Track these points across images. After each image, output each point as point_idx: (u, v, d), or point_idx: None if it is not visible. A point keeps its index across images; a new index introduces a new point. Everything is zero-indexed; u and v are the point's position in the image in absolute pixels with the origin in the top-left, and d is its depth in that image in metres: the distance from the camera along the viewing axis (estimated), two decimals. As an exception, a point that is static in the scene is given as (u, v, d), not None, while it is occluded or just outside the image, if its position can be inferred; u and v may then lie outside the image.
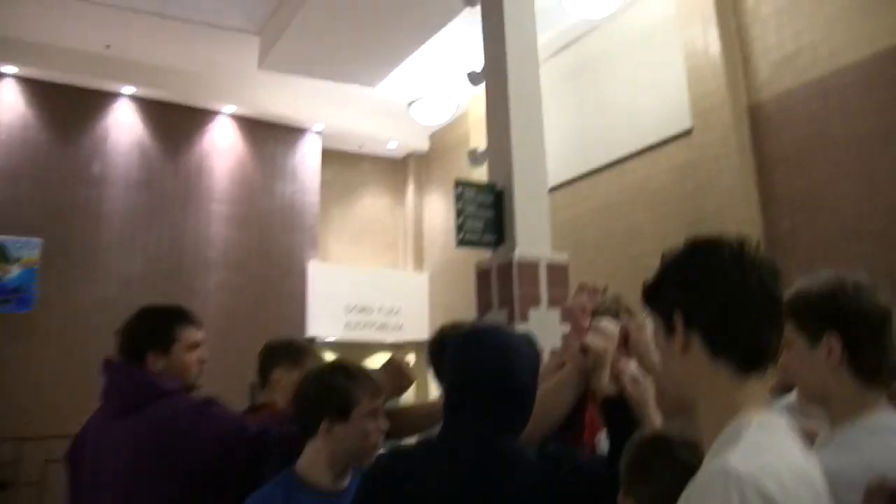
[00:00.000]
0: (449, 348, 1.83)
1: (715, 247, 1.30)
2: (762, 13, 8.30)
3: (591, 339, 2.00)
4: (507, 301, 5.43)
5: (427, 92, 12.23)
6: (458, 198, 5.60)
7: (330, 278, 13.07)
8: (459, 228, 5.56)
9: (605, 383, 2.00)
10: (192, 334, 2.56)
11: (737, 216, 8.17)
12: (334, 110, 13.32)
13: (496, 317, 5.49)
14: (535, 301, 5.43)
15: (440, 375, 2.52)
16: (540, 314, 5.42)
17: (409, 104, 12.50)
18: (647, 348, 1.94)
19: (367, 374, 2.11)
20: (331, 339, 13.12)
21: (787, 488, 1.06)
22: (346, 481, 2.11)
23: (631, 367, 1.98)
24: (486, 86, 6.18)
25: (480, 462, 1.63)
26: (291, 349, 2.88)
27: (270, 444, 2.21)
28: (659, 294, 1.35)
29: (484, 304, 5.65)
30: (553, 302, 5.48)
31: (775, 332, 1.27)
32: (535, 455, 1.69)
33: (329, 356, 13.38)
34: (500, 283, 5.54)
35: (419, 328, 14.06)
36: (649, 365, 1.92)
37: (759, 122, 8.24)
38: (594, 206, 9.98)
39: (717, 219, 8.39)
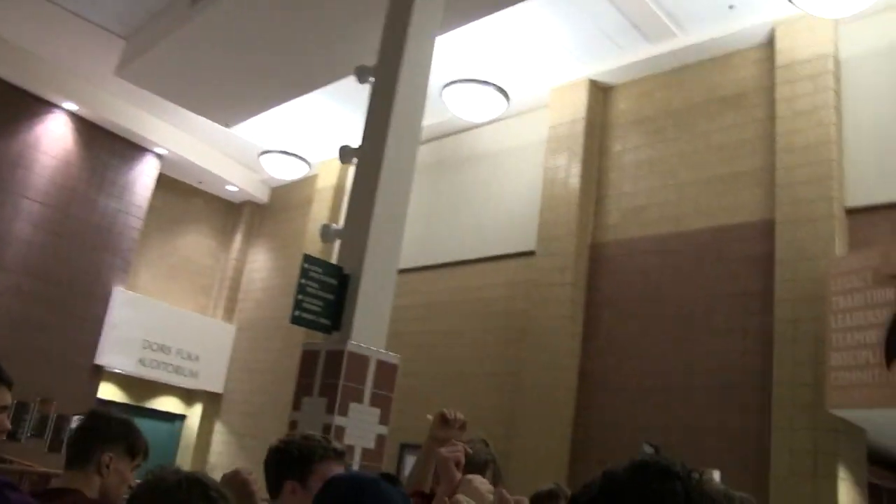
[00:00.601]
0: (325, 492, 1.63)
1: (667, 475, 1.20)
2: (624, 162, 8.84)
3: (462, 499, 1.88)
4: (329, 390, 5.20)
5: (283, 145, 11.92)
6: (303, 273, 5.36)
7: (133, 308, 12.20)
8: (297, 305, 5.31)
9: None
10: (1, 396, 2.17)
11: (558, 344, 8.44)
12: (182, 137, 12.70)
13: (314, 404, 5.23)
14: (357, 396, 5.24)
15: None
16: (360, 410, 5.23)
17: (261, 153, 12.11)
18: None
19: (225, 499, 1.82)
20: (119, 370, 12.16)
21: None
22: None
23: None
24: (358, 164, 6.06)
25: None
26: (129, 434, 2.46)
27: None
28: None
29: (303, 388, 5.38)
30: (375, 401, 5.31)
31: None
32: None
33: (113, 389, 12.38)
34: (325, 369, 5.31)
35: (215, 379, 13.40)
36: None
37: (598, 261, 8.65)
38: (420, 302, 10.01)
39: (537, 342, 8.63)
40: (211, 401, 13.49)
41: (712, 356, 7.47)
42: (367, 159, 5.96)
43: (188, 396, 13.62)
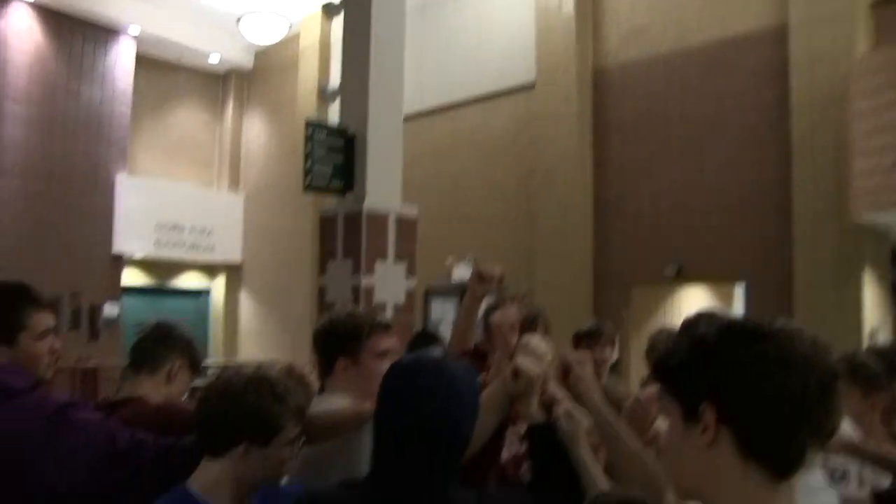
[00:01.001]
0: (385, 383, 1.63)
1: (765, 335, 1.14)
2: (618, -19, 8.42)
3: (523, 362, 1.85)
4: (352, 252, 5.23)
5: (259, 7, 11.38)
6: (308, 139, 5.26)
7: (139, 193, 12.13)
8: (307, 173, 5.25)
9: (534, 409, 1.87)
10: (43, 319, 2.16)
11: (568, 176, 8.40)
12: (153, 14, 12.11)
13: (340, 267, 5.28)
14: (382, 254, 5.28)
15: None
16: (386, 268, 5.28)
17: (238, 18, 11.57)
18: (588, 387, 1.86)
19: (293, 394, 1.84)
20: (139, 255, 12.29)
21: None
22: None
23: (562, 396, 1.89)
24: (346, 19, 5.81)
25: None
26: (194, 346, 2.47)
27: (148, 461, 1.90)
28: (683, 376, 1.18)
29: (327, 253, 5.42)
30: (400, 256, 5.35)
31: (816, 438, 1.13)
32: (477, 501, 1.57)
33: (136, 274, 12.57)
34: (345, 232, 5.32)
35: (232, 250, 13.53)
36: (591, 404, 1.84)
37: (601, 87, 8.45)
38: (424, 149, 9.89)
39: (548, 176, 8.59)
40: (232, 272, 13.70)
41: (729, 172, 7.42)
42: (355, 11, 5.70)
43: (209, 271, 13.82)
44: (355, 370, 2.29)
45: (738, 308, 8.25)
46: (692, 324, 1.23)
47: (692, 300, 9.21)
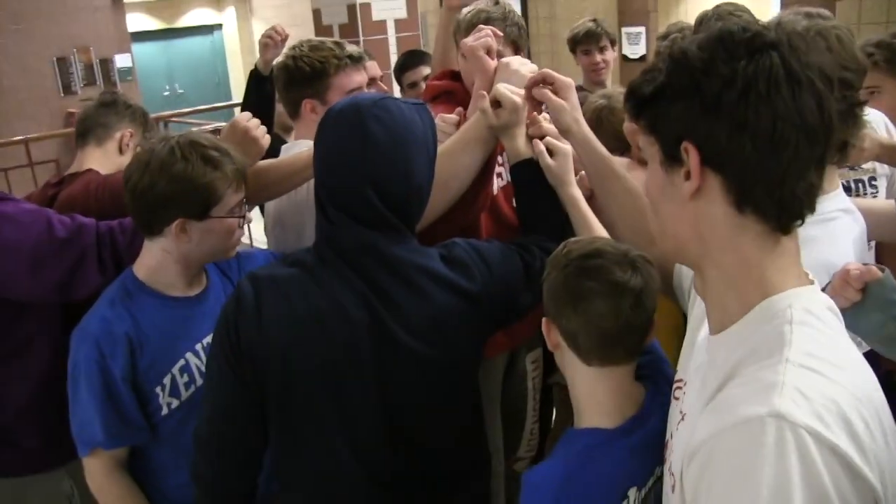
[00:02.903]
0: (320, 127, 1.39)
1: (757, 47, 0.85)
2: None
3: (502, 89, 1.56)
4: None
5: None
6: None
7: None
8: None
9: (521, 143, 1.59)
10: None
11: None
12: None
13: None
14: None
15: None
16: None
17: None
18: (572, 118, 1.52)
19: (229, 156, 1.62)
20: (138, -1, 11.69)
21: (860, 436, 0.76)
22: (204, 283, 1.75)
23: (549, 129, 1.59)
24: None
25: (377, 281, 1.31)
26: (143, 111, 2.26)
27: (90, 245, 1.73)
28: (659, 107, 0.90)
29: (315, -28, 4.91)
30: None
31: (821, 172, 0.89)
32: (439, 264, 1.37)
33: (141, 18, 12.03)
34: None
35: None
36: (578, 136, 1.52)
37: None
38: None
39: None
40: (241, 1, 13.01)
41: None
42: None
43: (217, 4, 13.18)
44: (325, 111, 2.04)
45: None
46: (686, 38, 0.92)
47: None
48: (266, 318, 1.32)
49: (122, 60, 10.81)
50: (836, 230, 1.36)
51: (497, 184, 2.08)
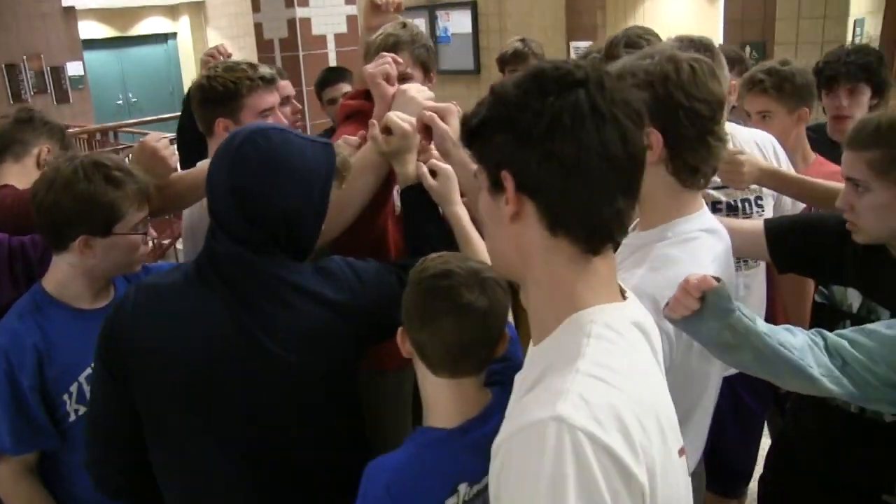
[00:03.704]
0: (216, 153, 1.46)
1: (566, 84, 0.93)
2: None
3: (393, 116, 1.66)
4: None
5: None
6: None
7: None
8: None
9: (410, 169, 1.68)
10: None
11: None
12: None
13: (272, 2, 4.86)
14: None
15: None
16: (321, -4, 4.86)
17: None
18: (452, 142, 1.63)
19: (132, 176, 1.70)
20: (92, 5, 11.57)
21: (633, 436, 0.87)
22: (110, 296, 1.83)
23: (434, 155, 1.69)
24: None
25: (245, 293, 1.37)
26: (61, 127, 2.32)
27: (3, 260, 1.81)
28: (483, 138, 0.99)
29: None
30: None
31: (630, 199, 0.98)
32: (311, 278, 1.43)
33: (93, 26, 11.94)
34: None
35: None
36: (458, 160, 1.63)
37: None
38: None
39: None
40: (195, 10, 12.99)
41: None
42: None
43: (171, 13, 13.12)
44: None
45: (720, 8, 7.72)
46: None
47: (672, 2, 8.63)
48: (139, 323, 1.40)
49: (73, 68, 10.74)
50: (696, 249, 1.43)
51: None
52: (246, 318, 1.37)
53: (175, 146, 2.33)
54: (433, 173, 1.67)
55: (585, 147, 0.91)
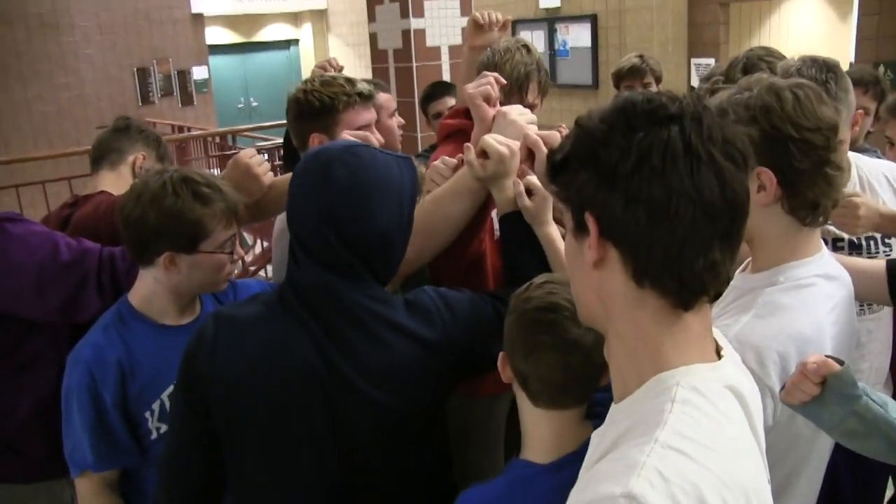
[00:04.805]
0: (294, 174, 1.41)
1: (657, 119, 0.83)
2: None
3: (489, 141, 1.54)
4: (400, -10, 4.77)
5: None
6: None
7: (209, -55, 11.61)
8: None
9: (508, 195, 1.57)
10: None
11: None
12: None
13: (388, 12, 4.86)
14: (432, -10, 4.79)
15: None
16: (437, 6, 4.81)
17: None
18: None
19: (220, 193, 1.66)
20: (219, 12, 12.03)
21: None
22: (196, 311, 1.79)
23: (531, 177, 1.58)
24: None
25: (332, 324, 1.31)
26: (159, 139, 2.33)
27: (93, 269, 1.79)
28: (567, 175, 0.89)
29: (374, -2, 4.98)
30: (453, -9, 4.85)
31: (729, 249, 0.86)
32: (402, 312, 1.35)
33: (220, 32, 12.41)
34: (390, -29, 4.83)
35: (316, -6, 13.01)
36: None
37: None
38: None
39: None
40: (318, 18, 13.32)
41: None
42: None
43: (294, 19, 13.49)
44: None
45: (852, 23, 7.27)
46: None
47: (801, 16, 8.20)
48: (221, 356, 1.34)
49: (199, 72, 11.17)
50: (811, 297, 1.30)
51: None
52: (333, 350, 1.30)
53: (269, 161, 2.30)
54: (529, 192, 1.56)
55: (677, 191, 0.81)
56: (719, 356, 0.92)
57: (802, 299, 1.29)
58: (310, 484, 1.34)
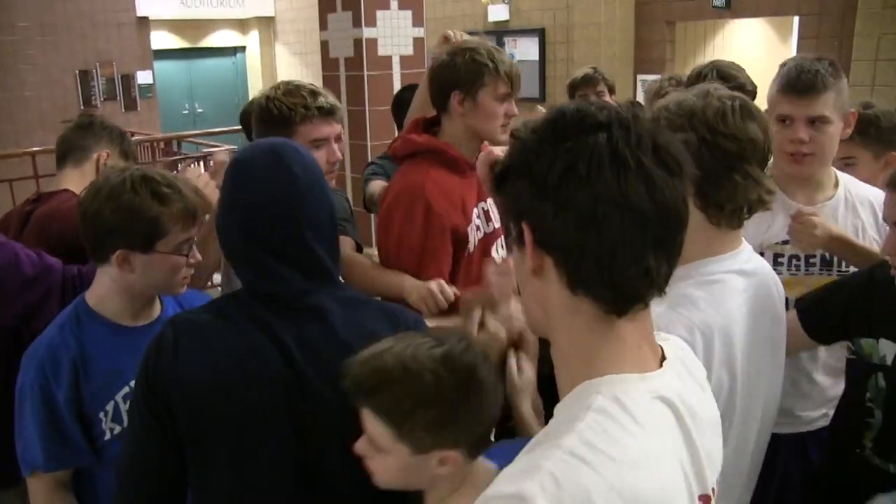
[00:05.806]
0: (229, 175, 1.37)
1: (585, 127, 0.84)
2: None
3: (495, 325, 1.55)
4: (351, 2, 4.80)
5: None
6: None
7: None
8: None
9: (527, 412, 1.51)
10: None
11: None
12: None
13: (339, 20, 4.88)
14: (384, 2, 4.82)
15: None
16: (389, 16, 4.86)
17: None
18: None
19: (180, 194, 1.66)
20: (165, 16, 11.85)
21: None
22: (155, 313, 1.78)
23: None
24: None
25: (300, 331, 1.30)
26: (124, 136, 2.33)
27: (57, 284, 1.80)
28: (506, 186, 0.91)
29: (326, 5, 5.00)
30: (404, 2, 4.89)
31: (665, 256, 0.87)
32: (374, 313, 1.37)
33: (166, 37, 12.23)
34: (343, -19, 4.86)
35: (263, 3, 12.90)
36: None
37: None
38: None
39: None
40: (265, 25, 13.21)
41: None
42: None
43: (241, 26, 13.36)
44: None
45: (792, 45, 7.55)
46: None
47: (744, 36, 8.48)
48: (184, 360, 1.32)
49: (143, 77, 10.98)
50: (719, 291, 1.36)
51: (475, 236, 2.14)
52: (299, 357, 1.31)
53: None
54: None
55: (603, 198, 0.82)
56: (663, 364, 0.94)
57: (711, 293, 1.36)
58: (274, 486, 1.34)
